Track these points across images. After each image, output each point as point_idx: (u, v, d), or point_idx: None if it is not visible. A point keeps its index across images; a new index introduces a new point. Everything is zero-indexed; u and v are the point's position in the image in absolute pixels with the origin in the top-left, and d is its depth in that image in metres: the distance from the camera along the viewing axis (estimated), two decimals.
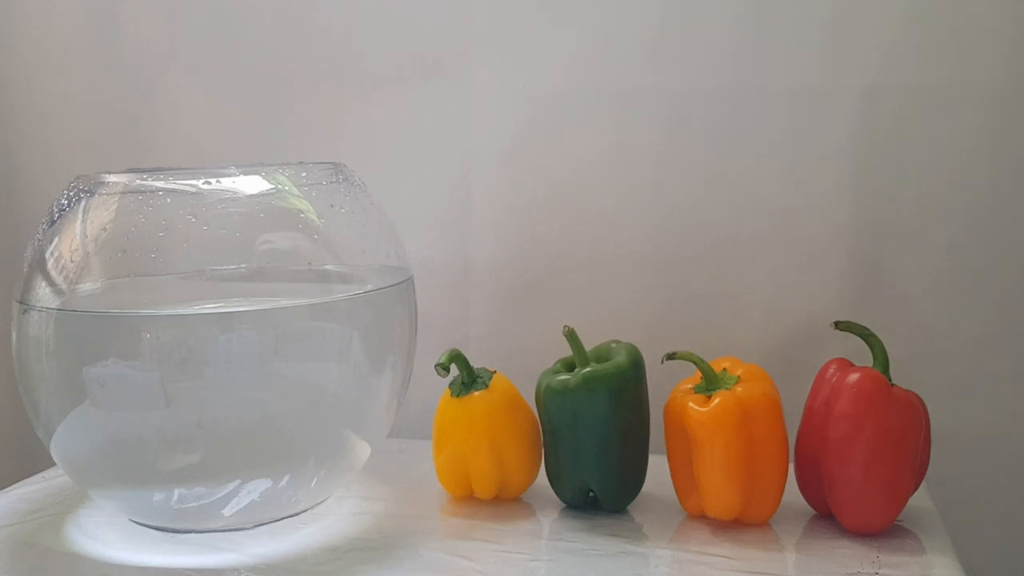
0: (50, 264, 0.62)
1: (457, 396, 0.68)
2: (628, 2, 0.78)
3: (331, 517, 0.66)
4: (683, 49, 0.78)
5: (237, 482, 0.61)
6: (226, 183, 0.63)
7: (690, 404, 0.62)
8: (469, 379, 0.68)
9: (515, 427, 0.67)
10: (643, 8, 0.78)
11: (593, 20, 0.79)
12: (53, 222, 0.64)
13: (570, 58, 0.80)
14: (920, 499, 0.66)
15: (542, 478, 0.68)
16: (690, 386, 0.64)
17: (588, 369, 0.64)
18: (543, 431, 0.67)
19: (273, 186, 0.64)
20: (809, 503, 0.65)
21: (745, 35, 0.77)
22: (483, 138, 0.83)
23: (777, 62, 0.77)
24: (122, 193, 0.63)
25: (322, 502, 0.68)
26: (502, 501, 0.69)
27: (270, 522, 0.64)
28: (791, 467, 0.64)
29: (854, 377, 0.61)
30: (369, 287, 0.66)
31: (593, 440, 0.64)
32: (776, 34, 0.77)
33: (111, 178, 0.64)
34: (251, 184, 0.64)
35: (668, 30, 0.78)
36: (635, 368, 0.65)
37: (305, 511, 0.66)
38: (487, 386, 0.67)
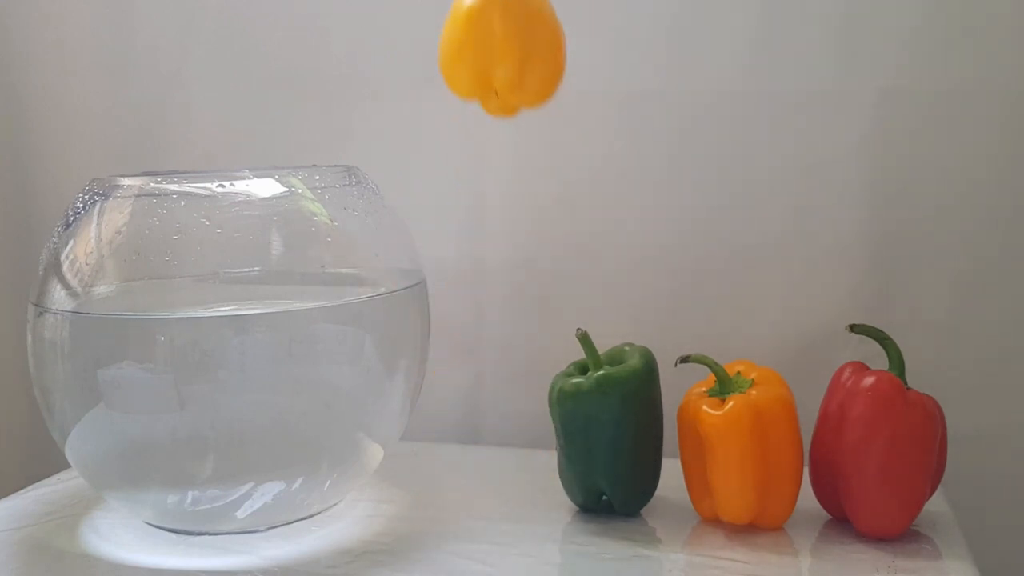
0: (65, 267, 0.63)
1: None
2: (641, 4, 0.78)
3: (344, 520, 0.66)
4: (697, 51, 0.78)
5: (250, 484, 0.61)
6: (240, 186, 0.63)
7: (704, 407, 0.62)
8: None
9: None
10: (656, 10, 0.78)
11: (606, 22, 0.79)
12: (68, 225, 0.64)
13: (583, 60, 0.80)
14: (936, 503, 0.65)
15: (555, 482, 0.68)
16: (704, 389, 0.64)
17: (601, 372, 0.64)
18: (556, 434, 0.67)
19: (286, 189, 0.64)
20: (824, 507, 0.65)
21: (759, 36, 0.77)
22: (496, 141, 0.83)
23: (792, 64, 0.77)
24: (136, 196, 0.63)
25: (335, 505, 0.68)
26: (518, 505, 0.68)
27: (283, 525, 0.64)
28: (806, 471, 0.64)
29: (869, 381, 0.61)
30: (382, 290, 0.66)
31: (606, 443, 0.64)
32: (791, 35, 0.76)
33: (126, 181, 0.64)
34: (264, 187, 0.64)
35: (682, 31, 0.78)
36: (648, 371, 0.65)
37: (318, 514, 0.66)
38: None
